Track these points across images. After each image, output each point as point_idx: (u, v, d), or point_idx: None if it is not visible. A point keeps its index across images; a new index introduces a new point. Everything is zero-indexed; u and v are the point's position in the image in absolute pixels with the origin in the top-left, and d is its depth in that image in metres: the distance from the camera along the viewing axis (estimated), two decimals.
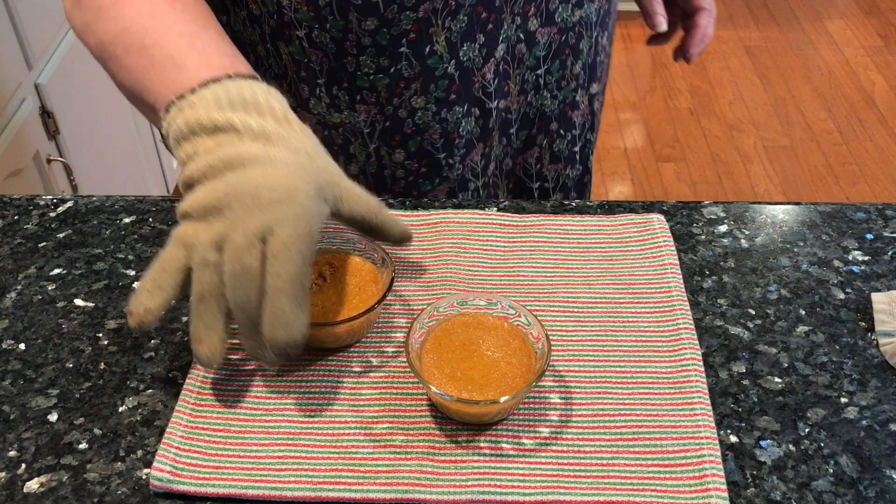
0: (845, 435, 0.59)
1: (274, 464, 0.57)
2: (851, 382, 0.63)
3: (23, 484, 0.57)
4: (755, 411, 0.61)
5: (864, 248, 0.73)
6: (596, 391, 0.61)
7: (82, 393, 0.62)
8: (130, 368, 0.64)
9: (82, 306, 0.69)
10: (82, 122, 1.66)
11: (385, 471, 0.57)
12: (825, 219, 0.77)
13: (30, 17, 1.46)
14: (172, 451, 0.57)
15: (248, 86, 0.59)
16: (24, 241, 0.75)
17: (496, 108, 0.84)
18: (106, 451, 0.59)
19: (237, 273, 0.54)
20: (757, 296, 0.69)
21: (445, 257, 0.71)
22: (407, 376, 0.63)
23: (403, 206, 0.77)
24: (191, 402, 0.61)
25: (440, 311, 0.63)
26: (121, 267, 0.72)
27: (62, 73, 1.56)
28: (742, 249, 0.73)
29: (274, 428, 0.59)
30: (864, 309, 0.68)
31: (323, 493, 0.55)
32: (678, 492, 0.55)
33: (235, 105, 0.58)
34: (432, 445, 0.58)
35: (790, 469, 0.57)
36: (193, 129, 0.58)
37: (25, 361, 0.65)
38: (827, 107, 2.80)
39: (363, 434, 0.59)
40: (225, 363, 0.63)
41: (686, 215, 0.77)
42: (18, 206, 0.79)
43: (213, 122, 0.57)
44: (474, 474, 0.56)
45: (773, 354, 0.65)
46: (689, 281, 0.70)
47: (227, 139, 0.57)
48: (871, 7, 3.31)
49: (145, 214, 0.77)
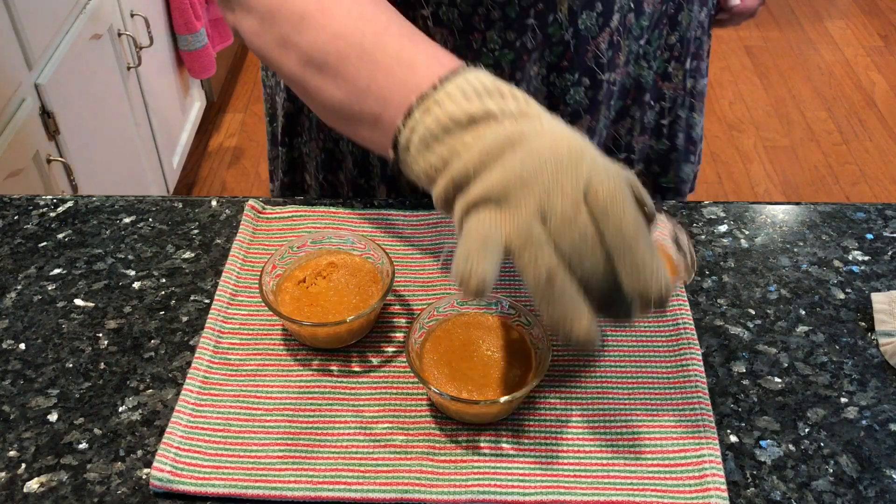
0: (845, 435, 0.59)
1: (274, 464, 0.57)
2: (851, 382, 0.63)
3: (23, 484, 0.57)
4: (755, 411, 0.61)
5: (864, 248, 0.73)
6: (596, 391, 0.61)
7: (82, 393, 0.62)
8: (130, 368, 0.64)
9: (82, 306, 0.69)
10: (82, 122, 1.66)
11: (385, 471, 0.57)
12: (825, 219, 0.76)
13: (30, 17, 1.46)
14: (172, 450, 0.57)
15: (485, 75, 0.55)
16: (24, 241, 0.75)
17: (606, 81, 0.82)
18: (106, 451, 0.59)
19: (577, 242, 0.49)
20: (757, 296, 0.69)
21: (445, 257, 0.71)
22: (407, 376, 0.63)
23: (403, 206, 0.77)
24: (191, 402, 0.61)
25: (440, 311, 0.63)
26: (121, 267, 0.72)
27: (62, 73, 1.56)
28: (742, 249, 0.73)
29: (274, 428, 0.59)
30: (864, 309, 0.68)
31: (323, 493, 0.55)
32: (678, 492, 0.55)
33: (483, 94, 0.53)
34: (432, 445, 0.58)
35: (790, 469, 0.57)
36: (447, 127, 0.53)
37: (25, 361, 0.65)
38: (827, 107, 2.80)
39: (363, 434, 0.59)
40: (225, 363, 0.63)
41: (686, 215, 0.76)
42: (18, 206, 0.79)
43: (468, 114, 0.53)
44: (474, 474, 0.56)
45: (773, 354, 0.65)
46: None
47: (488, 127, 0.52)
48: (871, 7, 3.31)
49: (145, 214, 0.77)
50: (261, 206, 0.76)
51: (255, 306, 0.68)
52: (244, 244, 0.73)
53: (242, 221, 0.75)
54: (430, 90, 0.54)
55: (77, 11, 1.64)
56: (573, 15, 0.76)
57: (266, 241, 0.73)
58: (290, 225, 0.75)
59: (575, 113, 0.83)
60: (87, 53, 1.67)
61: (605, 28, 0.78)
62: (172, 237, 0.75)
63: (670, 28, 0.85)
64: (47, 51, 1.54)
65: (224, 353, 0.64)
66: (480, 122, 0.52)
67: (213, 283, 0.70)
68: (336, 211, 0.76)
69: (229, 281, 0.69)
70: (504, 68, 0.77)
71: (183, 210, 0.78)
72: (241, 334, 0.66)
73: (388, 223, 0.75)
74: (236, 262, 0.71)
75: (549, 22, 0.75)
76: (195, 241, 0.74)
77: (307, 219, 0.75)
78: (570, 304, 0.49)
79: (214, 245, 0.74)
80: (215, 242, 0.74)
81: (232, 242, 0.73)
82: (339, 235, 0.68)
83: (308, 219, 0.75)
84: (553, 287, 0.49)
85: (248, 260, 0.72)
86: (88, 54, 1.68)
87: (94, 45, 1.70)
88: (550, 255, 0.49)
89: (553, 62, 0.78)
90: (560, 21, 0.76)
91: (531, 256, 0.49)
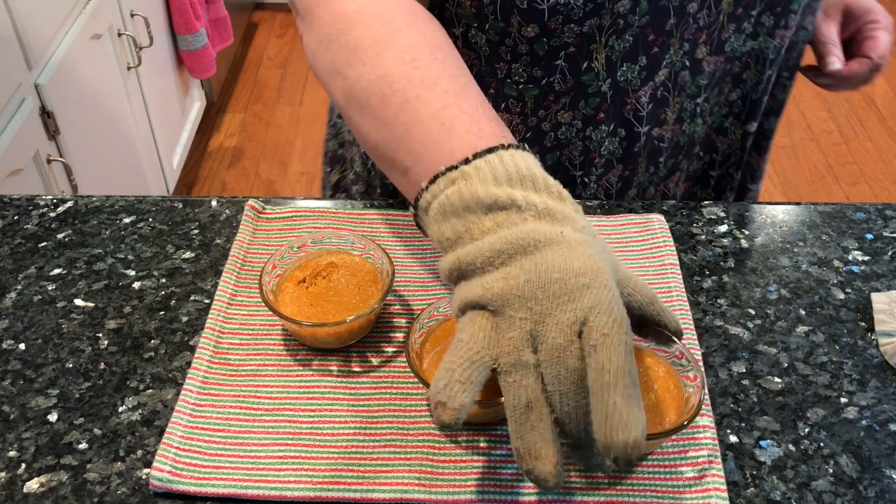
0: (845, 435, 0.59)
1: (274, 464, 0.57)
2: (851, 382, 0.63)
3: (23, 484, 0.57)
4: (755, 411, 0.61)
5: (864, 248, 0.73)
6: None
7: (82, 393, 0.62)
8: (130, 368, 0.64)
9: (82, 306, 0.69)
10: (82, 122, 1.66)
11: (385, 471, 0.57)
12: (825, 219, 0.76)
13: (30, 17, 1.46)
14: (172, 451, 0.57)
15: (522, 157, 0.52)
16: (24, 241, 0.75)
17: (645, 134, 0.79)
18: (106, 451, 0.59)
19: (562, 377, 0.47)
20: (757, 296, 0.69)
21: None
22: (407, 376, 0.63)
23: (403, 207, 0.77)
24: (191, 402, 0.61)
25: (440, 311, 0.63)
26: (121, 267, 0.72)
27: (62, 73, 1.56)
28: (742, 249, 0.73)
29: (274, 428, 0.59)
30: (864, 309, 0.68)
31: (323, 493, 0.55)
32: (678, 492, 0.55)
33: (513, 180, 0.51)
34: (432, 445, 0.58)
35: (790, 469, 0.57)
36: (468, 205, 0.51)
37: (25, 361, 0.65)
38: (827, 107, 2.80)
39: (363, 434, 0.59)
40: (225, 363, 0.63)
41: (686, 215, 0.77)
42: (18, 206, 0.79)
43: (492, 197, 0.50)
44: (474, 474, 0.56)
45: (773, 354, 0.65)
46: (689, 281, 0.70)
47: (508, 217, 0.50)
48: None
49: (145, 214, 0.77)
50: (261, 206, 0.76)
51: (255, 306, 0.68)
52: (244, 244, 0.73)
53: (242, 221, 0.75)
54: (461, 162, 0.52)
55: (77, 11, 1.64)
56: (611, 66, 0.72)
57: (266, 241, 0.73)
58: (290, 225, 0.75)
59: (608, 163, 0.80)
60: (87, 53, 1.67)
61: (649, 82, 0.75)
62: (172, 237, 0.75)
63: (732, 85, 0.81)
64: (47, 51, 1.54)
65: (224, 353, 0.64)
66: (502, 210, 0.51)
67: (213, 283, 0.70)
68: (336, 211, 0.76)
69: (229, 281, 0.69)
70: (527, 103, 0.75)
71: (183, 210, 0.78)
72: (241, 334, 0.66)
73: (388, 223, 0.75)
74: (236, 262, 0.71)
75: (582, 69, 0.72)
76: (195, 241, 0.74)
77: (307, 219, 0.75)
78: (540, 441, 0.47)
79: (214, 245, 0.74)
80: (215, 242, 0.74)
81: (232, 242, 0.73)
82: (339, 235, 0.68)
83: (308, 219, 0.75)
84: (528, 417, 0.47)
85: (248, 260, 0.72)
86: (88, 54, 1.68)
87: (94, 45, 1.70)
88: (535, 385, 0.48)
89: (589, 115, 0.76)
90: (597, 71, 0.72)
91: (516, 380, 0.48)
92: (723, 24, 0.75)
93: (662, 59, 0.74)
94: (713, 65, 0.77)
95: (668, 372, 0.59)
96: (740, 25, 0.76)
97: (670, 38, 0.73)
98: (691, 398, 0.57)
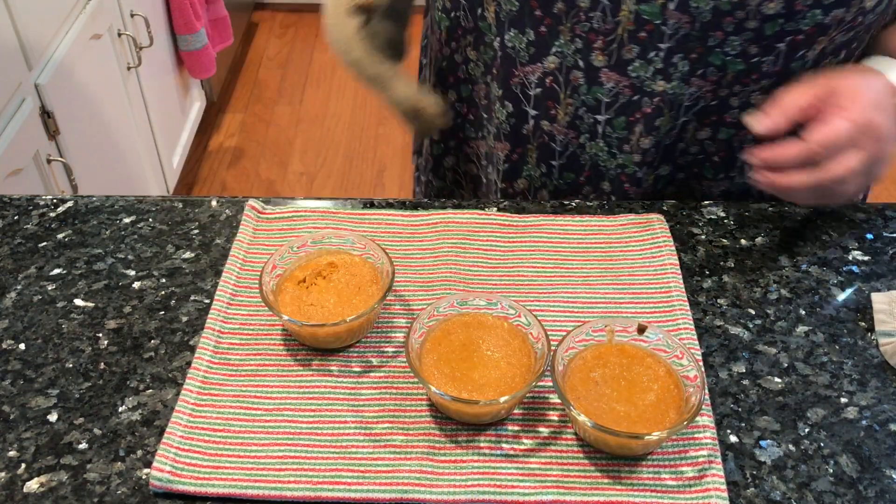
0: (845, 435, 0.59)
1: (274, 464, 0.57)
2: (851, 382, 0.63)
3: (23, 484, 0.57)
4: (755, 411, 0.61)
5: (864, 248, 0.73)
6: None
7: (82, 393, 0.62)
8: (130, 368, 0.64)
9: (82, 306, 0.69)
10: (82, 122, 1.66)
11: (385, 471, 0.57)
12: (825, 219, 0.76)
13: (30, 18, 1.46)
14: (172, 451, 0.57)
15: None
16: (24, 241, 0.75)
17: (534, 119, 0.79)
18: (106, 451, 0.59)
19: None
20: (757, 296, 0.69)
21: (445, 257, 0.71)
22: (407, 376, 0.63)
23: (403, 207, 0.77)
24: (191, 402, 0.61)
25: (440, 311, 0.63)
26: (121, 267, 0.72)
27: (62, 73, 1.56)
28: (742, 249, 0.73)
29: (274, 428, 0.59)
30: (864, 309, 0.68)
31: (323, 493, 0.55)
32: (678, 492, 0.55)
33: None
34: (432, 445, 0.58)
35: (790, 469, 0.57)
36: None
37: (25, 361, 0.65)
38: None
39: (363, 434, 0.59)
40: (225, 363, 0.63)
41: (686, 215, 0.76)
42: (18, 206, 0.79)
43: None
44: (474, 474, 0.56)
45: (773, 354, 0.65)
46: (689, 281, 0.70)
47: None
48: None
49: (145, 214, 0.77)
50: (261, 206, 0.76)
51: (255, 306, 0.68)
52: (244, 244, 0.73)
53: (242, 221, 0.75)
54: None
55: (77, 11, 1.64)
56: (500, 25, 0.76)
57: (266, 241, 0.73)
58: (290, 225, 0.75)
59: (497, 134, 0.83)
60: (87, 53, 1.67)
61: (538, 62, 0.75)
62: (172, 237, 0.75)
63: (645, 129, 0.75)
64: (47, 51, 1.54)
65: (224, 353, 0.64)
66: None
67: (213, 283, 0.70)
68: (336, 211, 0.76)
69: (229, 281, 0.69)
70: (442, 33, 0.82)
71: (183, 210, 0.78)
72: (241, 334, 0.66)
73: (388, 223, 0.75)
74: (236, 262, 0.71)
75: (479, 14, 0.78)
76: (195, 241, 0.74)
77: (307, 219, 0.75)
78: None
79: (214, 245, 0.74)
80: (215, 242, 0.74)
81: (232, 242, 0.73)
82: (339, 235, 0.68)
83: (308, 219, 0.75)
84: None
85: (248, 260, 0.72)
86: (88, 54, 1.68)
87: (94, 45, 1.70)
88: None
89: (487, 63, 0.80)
90: (488, 22, 0.77)
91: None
92: (622, 41, 0.70)
93: (551, 45, 0.74)
94: (614, 83, 0.73)
95: (668, 372, 0.59)
96: (646, 54, 0.71)
97: (559, 25, 0.72)
98: (691, 398, 0.57)
